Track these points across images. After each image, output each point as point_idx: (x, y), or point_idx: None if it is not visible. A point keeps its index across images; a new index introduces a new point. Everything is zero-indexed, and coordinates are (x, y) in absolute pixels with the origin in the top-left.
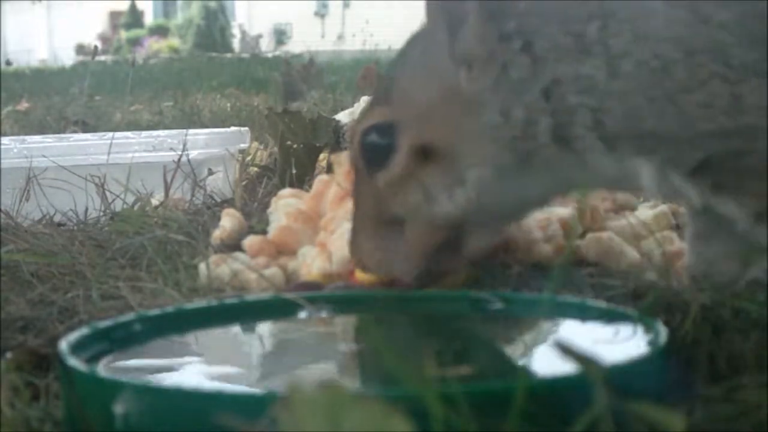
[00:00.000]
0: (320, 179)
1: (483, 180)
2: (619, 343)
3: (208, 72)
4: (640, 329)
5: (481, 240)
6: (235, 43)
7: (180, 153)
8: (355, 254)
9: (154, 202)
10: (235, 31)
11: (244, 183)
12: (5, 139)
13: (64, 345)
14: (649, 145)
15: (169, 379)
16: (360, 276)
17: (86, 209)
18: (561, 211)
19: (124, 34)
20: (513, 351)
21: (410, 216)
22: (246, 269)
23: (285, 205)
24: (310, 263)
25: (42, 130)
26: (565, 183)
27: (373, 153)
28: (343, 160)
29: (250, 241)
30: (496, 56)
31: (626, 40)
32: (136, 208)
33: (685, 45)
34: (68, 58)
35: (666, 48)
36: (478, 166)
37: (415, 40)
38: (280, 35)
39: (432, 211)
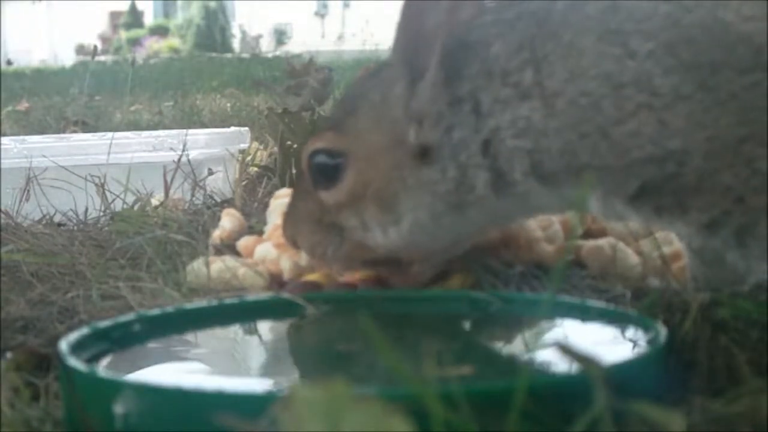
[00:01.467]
0: None
1: (417, 224)
2: (619, 343)
3: (208, 72)
4: (640, 329)
5: (423, 265)
6: (235, 43)
7: (180, 153)
8: (289, 231)
9: (154, 202)
10: (235, 31)
11: (244, 183)
12: (5, 139)
13: (64, 345)
14: (587, 177)
15: (169, 379)
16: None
17: (86, 209)
18: None
19: (124, 34)
20: (513, 351)
21: (347, 232)
22: (236, 268)
23: (282, 205)
24: (280, 264)
25: (42, 130)
26: (506, 218)
27: (320, 173)
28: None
29: (245, 241)
30: (444, 118)
31: (559, 80)
32: (136, 208)
33: (613, 80)
34: (68, 58)
35: (595, 84)
36: (414, 211)
37: (377, 80)
38: (280, 35)
39: (366, 239)
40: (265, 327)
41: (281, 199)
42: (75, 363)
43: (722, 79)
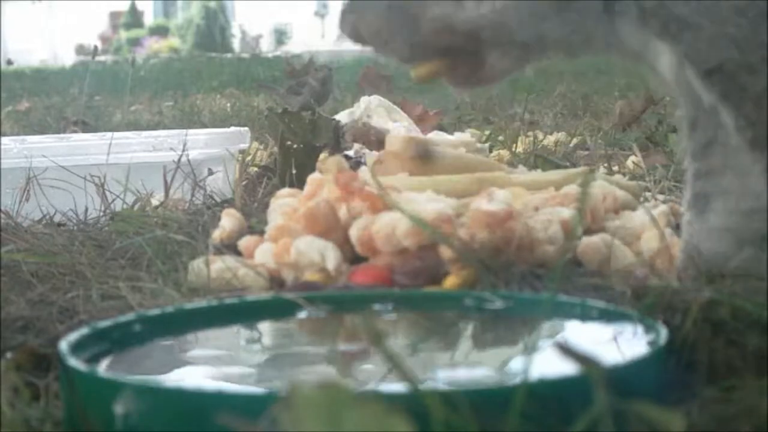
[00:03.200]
0: (312, 179)
1: None
2: (619, 344)
3: (208, 72)
4: (640, 329)
5: (498, 63)
6: (235, 43)
7: (180, 153)
8: (348, 16)
9: (154, 202)
10: (235, 31)
11: (244, 183)
12: (5, 139)
13: (64, 345)
14: (674, 31)
15: (169, 379)
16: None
17: (86, 209)
18: (563, 211)
19: (124, 34)
20: (513, 351)
21: (431, 8)
22: (237, 268)
23: (283, 205)
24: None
25: (42, 130)
26: (589, 39)
27: None
28: (331, 167)
29: (246, 241)
30: None
31: None
32: (136, 208)
33: None
34: (68, 58)
35: None
36: None
37: None
38: (280, 35)
39: (455, 9)
40: (265, 326)
41: (281, 199)
42: (75, 363)
43: None
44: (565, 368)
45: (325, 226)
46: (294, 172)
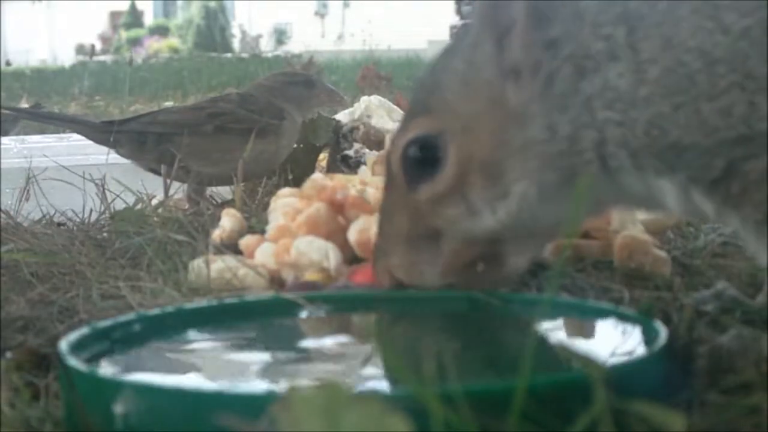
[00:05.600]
0: (312, 179)
1: (526, 195)
2: (619, 344)
3: (208, 72)
4: (640, 329)
5: (518, 258)
6: (235, 43)
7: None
8: (381, 264)
9: (154, 201)
10: (235, 31)
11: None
12: (5, 139)
13: (64, 345)
14: (671, 160)
15: (169, 379)
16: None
17: (84, 208)
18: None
19: (124, 34)
20: (513, 351)
21: (449, 229)
22: (237, 267)
23: (283, 205)
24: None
25: (42, 130)
26: (599, 202)
27: (417, 165)
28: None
29: (247, 240)
30: (542, 66)
31: (655, 46)
32: (136, 208)
33: (707, 55)
34: (68, 58)
35: (690, 57)
36: (523, 180)
37: (456, 50)
38: (280, 35)
39: (473, 224)
40: (265, 326)
41: (282, 199)
42: (75, 363)
43: None
44: (566, 368)
45: (326, 231)
46: (294, 171)
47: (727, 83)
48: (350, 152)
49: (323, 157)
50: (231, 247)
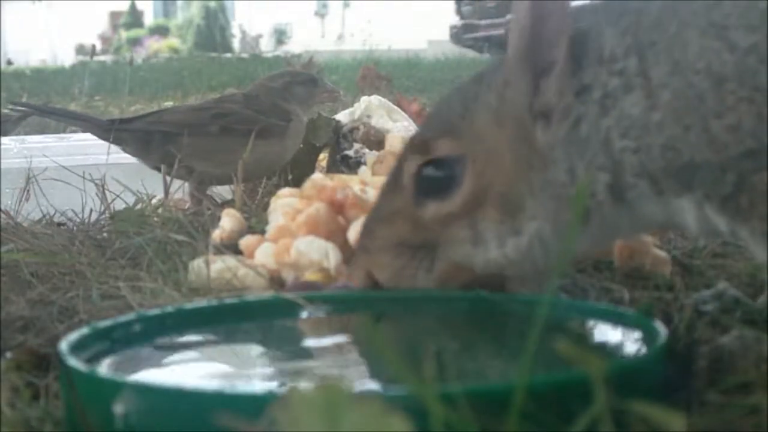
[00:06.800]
0: (312, 179)
1: (540, 234)
2: (620, 344)
3: (208, 72)
4: (640, 330)
5: (521, 288)
6: (235, 43)
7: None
8: (362, 262)
9: (154, 201)
10: (235, 31)
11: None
12: (5, 139)
13: (64, 345)
14: (688, 179)
15: (169, 379)
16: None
17: (84, 209)
18: None
19: (124, 34)
20: (513, 351)
21: (446, 248)
22: (237, 267)
23: (283, 205)
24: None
25: (42, 130)
26: (615, 233)
27: (431, 183)
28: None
29: (247, 240)
30: (570, 111)
31: (665, 71)
32: (136, 208)
33: (715, 74)
34: (68, 58)
35: (698, 78)
36: (538, 220)
37: (489, 78)
38: (280, 35)
39: (475, 252)
40: (264, 326)
41: (282, 199)
42: (75, 363)
43: None
44: (566, 368)
45: (326, 231)
46: (294, 171)
47: (735, 99)
48: (350, 152)
49: (323, 157)
50: (231, 247)
